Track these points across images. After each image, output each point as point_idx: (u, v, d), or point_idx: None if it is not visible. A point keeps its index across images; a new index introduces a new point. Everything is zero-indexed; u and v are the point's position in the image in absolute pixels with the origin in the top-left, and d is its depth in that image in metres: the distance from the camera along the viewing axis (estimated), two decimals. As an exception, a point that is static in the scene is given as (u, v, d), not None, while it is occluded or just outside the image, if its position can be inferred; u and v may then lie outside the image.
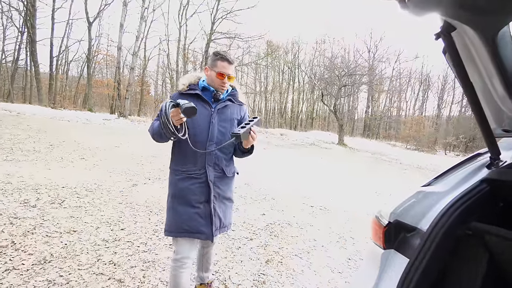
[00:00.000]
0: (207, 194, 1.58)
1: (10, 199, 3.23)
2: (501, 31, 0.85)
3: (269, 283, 2.31)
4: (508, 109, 1.02)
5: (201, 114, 1.53)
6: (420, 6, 0.74)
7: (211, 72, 1.58)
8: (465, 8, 0.74)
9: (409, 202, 1.12)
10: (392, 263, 1.04)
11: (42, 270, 2.03)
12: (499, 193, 1.03)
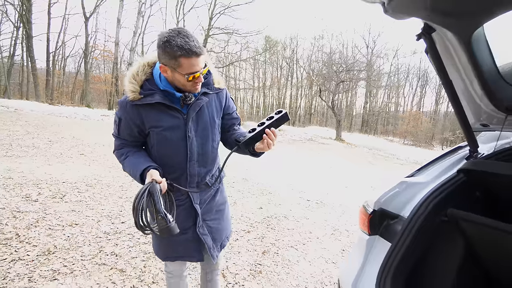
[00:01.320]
0: (194, 218, 1.30)
1: (12, 193, 3.29)
2: (476, 32, 0.92)
3: (265, 272, 2.40)
4: (485, 105, 1.09)
5: (172, 128, 1.18)
6: (397, 11, 0.81)
7: (174, 74, 1.09)
8: (438, 13, 0.81)
9: (393, 192, 1.20)
10: (376, 248, 1.13)
11: (47, 261, 2.11)
12: (475, 183, 1.12)
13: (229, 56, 27.22)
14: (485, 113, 1.13)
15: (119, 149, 1.27)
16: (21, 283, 1.84)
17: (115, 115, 1.24)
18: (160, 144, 1.20)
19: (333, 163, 9.25)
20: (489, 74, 1.01)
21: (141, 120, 1.17)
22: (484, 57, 0.99)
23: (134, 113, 1.16)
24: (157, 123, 1.17)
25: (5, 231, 2.43)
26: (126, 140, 1.26)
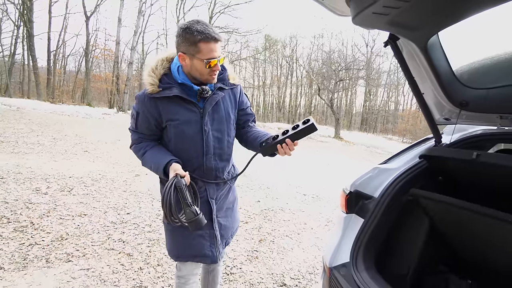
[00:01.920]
0: (209, 213, 1.30)
1: (23, 187, 3.48)
2: (430, 40, 1.10)
3: (261, 258, 2.59)
4: (445, 102, 1.28)
5: (189, 122, 1.21)
6: (363, 24, 0.99)
7: (193, 61, 1.12)
8: (396, 26, 1.00)
9: (367, 176, 1.39)
10: (352, 224, 1.32)
11: (61, 246, 2.30)
12: (437, 168, 1.30)
13: (229, 54, 27.37)
14: (445, 109, 1.31)
15: (137, 144, 1.28)
16: (39, 263, 2.03)
17: (133, 109, 1.26)
18: (177, 138, 1.22)
19: (331, 160, 9.43)
20: (445, 75, 1.19)
21: (158, 113, 1.20)
22: (440, 61, 1.17)
23: (152, 106, 1.18)
24: (174, 116, 1.19)
25: (21, 219, 2.63)
26: (144, 134, 1.27)
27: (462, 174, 1.23)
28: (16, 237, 2.32)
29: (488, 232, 1.11)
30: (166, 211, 1.11)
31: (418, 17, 0.98)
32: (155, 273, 2.11)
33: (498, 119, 1.21)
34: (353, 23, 0.97)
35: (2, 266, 1.94)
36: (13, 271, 1.91)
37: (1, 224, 2.50)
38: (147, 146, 1.26)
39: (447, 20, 0.97)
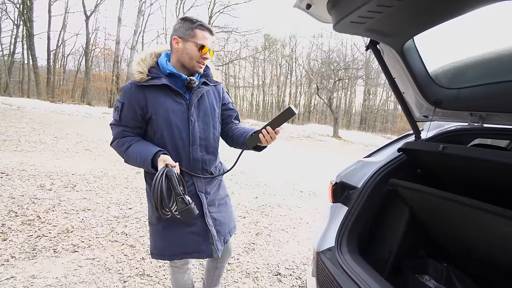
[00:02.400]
0: (199, 207, 1.28)
1: (28, 183, 3.60)
2: (406, 44, 1.22)
3: (257, 250, 2.71)
4: (422, 101, 1.40)
5: (176, 112, 1.23)
6: (343, 30, 1.11)
7: (186, 44, 1.19)
8: (372, 32, 1.12)
9: (351, 168, 1.51)
10: (338, 212, 1.44)
11: (67, 237, 2.42)
12: (414, 161, 1.42)
13: (228, 54, 27.45)
14: (423, 107, 1.43)
15: (120, 138, 1.26)
16: (48, 253, 2.15)
17: (117, 101, 1.25)
18: (164, 128, 1.23)
19: (328, 159, 9.56)
20: (420, 76, 1.31)
21: (145, 102, 1.21)
22: (416, 62, 1.29)
23: (140, 95, 1.20)
24: (161, 106, 1.21)
25: (27, 213, 2.75)
26: (127, 127, 1.26)
27: (433, 165, 1.35)
28: (24, 230, 2.44)
29: (459, 219, 1.23)
30: (157, 202, 1.09)
31: (392, 25, 1.10)
32: (156, 262, 2.23)
33: (468, 116, 1.33)
34: (334, 30, 1.09)
35: (14, 255, 2.06)
36: (24, 260, 2.03)
37: (9, 217, 2.62)
38: (132, 140, 1.25)
39: (418, 27, 1.09)
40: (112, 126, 1.29)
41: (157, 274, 2.09)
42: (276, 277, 2.29)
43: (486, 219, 1.01)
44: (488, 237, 1.11)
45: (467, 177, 1.23)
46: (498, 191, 1.14)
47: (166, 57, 1.28)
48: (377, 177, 1.37)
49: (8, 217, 2.62)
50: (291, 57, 34.05)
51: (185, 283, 1.54)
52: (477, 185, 1.25)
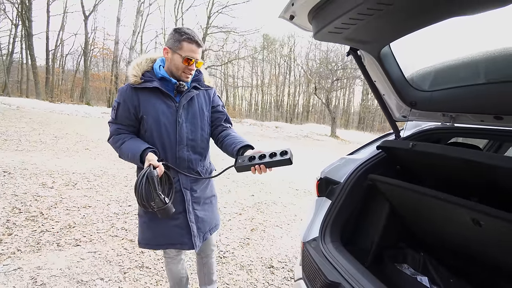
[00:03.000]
0: (182, 203, 1.39)
1: (30, 182, 3.70)
2: (382, 50, 1.34)
3: (252, 244, 2.83)
4: (400, 102, 1.51)
5: (165, 113, 1.33)
6: (323, 39, 1.22)
7: (174, 55, 1.29)
8: (350, 40, 1.23)
9: (335, 165, 1.63)
10: (323, 206, 1.55)
11: (69, 232, 2.53)
12: (394, 158, 1.53)
13: (227, 54, 27.55)
14: (402, 108, 1.54)
15: (116, 135, 1.37)
16: (51, 247, 2.26)
17: (114, 101, 1.37)
18: (153, 127, 1.33)
19: (325, 158, 9.68)
20: (397, 79, 1.43)
21: (138, 103, 1.32)
22: (393, 67, 1.40)
23: (133, 96, 1.31)
24: (152, 107, 1.32)
25: (31, 210, 2.85)
26: (123, 125, 1.36)
27: (408, 162, 1.46)
28: (28, 225, 2.55)
29: (431, 211, 1.34)
30: (138, 199, 1.22)
31: (367, 34, 1.21)
32: (155, 255, 2.34)
33: (441, 117, 1.45)
34: (314, 38, 1.20)
35: (19, 248, 2.17)
36: (29, 252, 2.14)
37: (13, 214, 2.72)
38: (126, 137, 1.35)
39: (392, 36, 1.20)
40: (110, 124, 1.40)
41: (156, 266, 2.20)
42: (269, 269, 2.41)
43: (448, 209, 1.12)
44: (453, 226, 1.22)
45: (437, 172, 1.34)
46: (471, 187, 1.25)
47: (161, 62, 1.38)
48: (358, 173, 1.48)
49: (12, 213, 2.73)
50: (289, 57, 34.19)
51: (179, 272, 1.64)
52: (451, 181, 1.37)
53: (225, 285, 2.12)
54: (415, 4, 0.94)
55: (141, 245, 1.45)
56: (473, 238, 1.17)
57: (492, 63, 1.16)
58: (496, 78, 1.17)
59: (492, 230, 1.01)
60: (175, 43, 1.27)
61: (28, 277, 1.87)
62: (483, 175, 1.03)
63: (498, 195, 1.09)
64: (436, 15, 1.01)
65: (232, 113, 30.90)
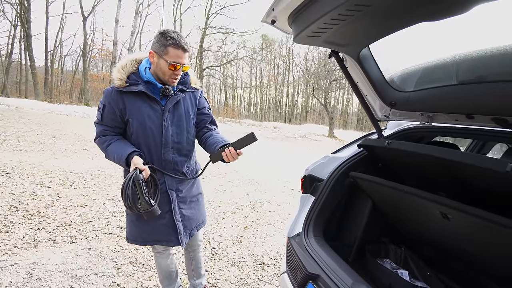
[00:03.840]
0: (168, 204, 1.44)
1: (28, 181, 3.76)
2: (361, 52, 1.40)
3: (244, 242, 2.89)
4: (381, 102, 1.58)
5: (151, 117, 1.34)
6: (302, 42, 1.28)
7: (159, 60, 1.28)
8: (329, 43, 1.29)
9: (319, 163, 1.69)
10: (307, 202, 1.61)
11: (65, 230, 2.59)
12: (375, 156, 1.59)
13: (226, 55, 27.61)
14: (383, 108, 1.61)
15: (102, 136, 1.38)
16: (47, 244, 2.32)
17: (100, 103, 1.36)
18: (139, 131, 1.35)
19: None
20: (377, 80, 1.49)
21: (123, 106, 1.32)
22: (373, 68, 1.47)
23: (118, 99, 1.31)
24: (138, 110, 1.33)
25: (28, 208, 2.91)
26: (108, 127, 1.38)
27: (387, 159, 1.52)
28: (25, 223, 2.61)
29: (407, 207, 1.41)
30: (124, 202, 1.27)
31: (345, 37, 1.27)
32: (148, 252, 2.40)
33: (419, 116, 1.51)
34: (294, 41, 1.27)
35: (16, 245, 2.23)
36: (25, 249, 2.20)
37: (11, 212, 2.78)
38: (112, 139, 1.37)
39: (369, 39, 1.27)
40: (96, 125, 1.41)
41: (149, 262, 2.26)
42: (260, 266, 2.47)
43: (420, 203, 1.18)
44: (427, 220, 1.28)
45: (412, 169, 1.41)
46: (443, 183, 1.31)
47: (147, 64, 1.37)
48: (340, 170, 1.55)
49: (9, 211, 2.79)
50: (288, 57, 34.28)
51: (168, 267, 1.70)
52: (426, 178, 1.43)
53: (216, 280, 2.18)
54: (386, 10, 1.00)
55: (129, 240, 1.52)
56: (444, 231, 1.24)
57: (462, 65, 1.23)
58: (466, 80, 1.24)
59: (459, 223, 1.07)
60: (161, 47, 1.26)
61: (24, 272, 1.93)
62: (450, 171, 1.10)
63: (466, 191, 1.16)
64: (408, 19, 1.07)
65: (231, 113, 30.96)
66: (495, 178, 0.90)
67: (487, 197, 1.12)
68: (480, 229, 1.02)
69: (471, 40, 1.23)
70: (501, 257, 1.08)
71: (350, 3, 0.90)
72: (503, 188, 0.95)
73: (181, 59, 1.29)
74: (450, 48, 1.26)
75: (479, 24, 1.10)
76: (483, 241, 1.09)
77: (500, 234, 0.95)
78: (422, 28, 1.19)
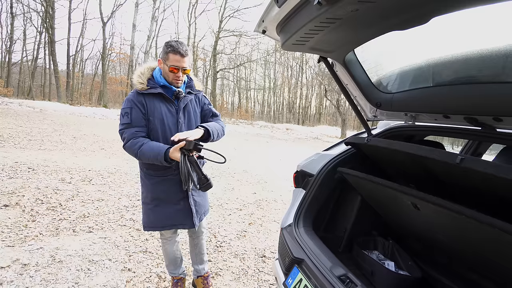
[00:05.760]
0: (184, 191, 1.65)
1: (51, 177, 4.08)
2: (346, 57, 1.52)
3: (248, 237, 3.04)
4: (368, 103, 1.69)
5: (168, 115, 1.57)
6: (290, 49, 1.43)
7: (164, 66, 1.52)
8: (315, 49, 1.43)
9: (311, 159, 1.82)
10: (299, 196, 1.74)
11: (84, 221, 2.83)
12: (363, 153, 1.70)
13: (239, 57, 27.93)
14: (371, 108, 1.72)
15: (134, 139, 1.52)
16: (68, 232, 2.56)
17: (124, 109, 1.52)
18: (159, 127, 1.55)
19: (333, 159, 9.74)
20: (363, 83, 1.60)
21: (145, 105, 1.54)
22: (359, 72, 1.58)
23: (141, 100, 1.53)
24: (157, 110, 1.56)
25: (51, 201, 3.19)
26: (138, 127, 1.53)
27: (373, 156, 1.63)
28: (49, 214, 2.88)
29: (389, 200, 1.50)
30: (184, 180, 1.51)
31: (327, 45, 1.40)
32: (157, 243, 2.60)
33: (404, 116, 1.61)
34: (282, 48, 1.41)
35: (41, 232, 2.48)
36: (49, 236, 2.45)
37: (36, 204, 3.06)
38: (144, 140, 1.53)
39: (351, 44, 1.40)
40: (124, 131, 1.54)
41: (157, 251, 2.45)
42: (261, 258, 2.61)
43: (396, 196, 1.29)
44: (403, 212, 1.39)
45: (392, 165, 1.51)
46: (418, 177, 1.41)
47: (159, 71, 1.60)
48: (329, 166, 1.67)
49: (35, 203, 3.07)
50: (301, 59, 34.23)
51: (174, 252, 1.88)
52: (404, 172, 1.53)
53: (219, 269, 2.34)
54: (357, 22, 1.13)
55: (146, 228, 1.72)
56: (417, 221, 1.34)
57: (436, 68, 1.33)
58: (441, 82, 1.34)
59: (427, 212, 1.18)
60: (164, 55, 1.51)
61: (48, 255, 2.16)
62: (420, 165, 1.20)
63: (436, 184, 1.26)
64: (379, 29, 1.20)
65: (244, 115, 31.23)
66: (452, 170, 1.01)
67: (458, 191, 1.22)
68: (446, 219, 1.13)
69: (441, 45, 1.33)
70: (470, 245, 1.17)
71: (322, 17, 1.04)
72: (461, 180, 1.05)
73: (179, 63, 1.50)
74: (425, 52, 1.37)
75: (446, 31, 1.21)
76: (452, 231, 1.19)
77: (462, 223, 1.06)
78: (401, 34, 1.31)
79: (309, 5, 1.04)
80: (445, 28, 1.20)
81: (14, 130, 7.33)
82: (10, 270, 1.95)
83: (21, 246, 2.25)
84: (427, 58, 1.36)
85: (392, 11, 0.98)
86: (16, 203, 3.02)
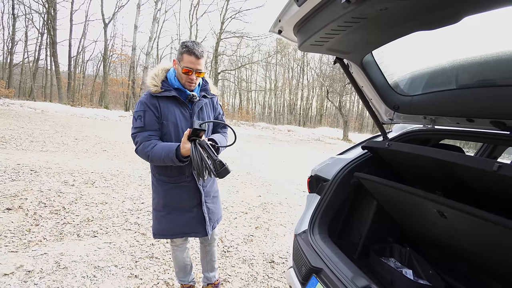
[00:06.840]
0: (198, 198, 1.61)
1: (53, 179, 4.02)
2: (364, 58, 1.47)
3: (255, 241, 2.98)
4: (385, 106, 1.64)
5: (181, 119, 1.52)
6: (307, 50, 1.37)
7: (178, 67, 1.46)
8: (332, 51, 1.38)
9: (325, 164, 1.76)
10: (313, 201, 1.69)
11: (88, 225, 2.78)
12: (379, 157, 1.65)
13: (240, 58, 27.93)
14: (387, 111, 1.66)
15: (146, 141, 1.46)
16: (72, 237, 2.50)
17: (137, 113, 1.47)
18: (172, 131, 1.51)
19: (336, 161, 9.69)
20: (381, 85, 1.55)
21: (159, 108, 1.48)
22: (376, 74, 1.53)
23: (154, 103, 1.47)
24: (172, 113, 1.50)
25: (55, 204, 3.13)
26: (152, 131, 1.48)
27: (391, 160, 1.57)
28: (52, 218, 2.82)
29: (410, 207, 1.45)
30: (197, 168, 1.36)
31: (347, 45, 1.35)
32: (164, 248, 2.54)
33: (423, 119, 1.56)
34: (299, 49, 1.36)
35: (45, 237, 2.42)
36: (53, 241, 2.39)
37: (39, 207, 3.01)
38: (156, 142, 1.48)
39: (370, 46, 1.34)
40: (137, 134, 1.49)
41: (164, 257, 2.40)
42: (270, 264, 2.55)
43: (419, 202, 1.24)
44: (426, 219, 1.33)
45: (413, 170, 1.46)
46: (441, 183, 1.36)
47: (174, 72, 1.53)
48: (344, 171, 1.61)
49: (38, 207, 3.02)
50: (302, 60, 34.23)
51: (184, 260, 1.83)
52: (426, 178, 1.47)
53: (227, 276, 2.28)
54: (382, 21, 1.08)
55: (157, 235, 1.66)
56: (443, 229, 1.28)
57: (461, 70, 1.28)
58: (465, 84, 1.29)
59: (455, 221, 1.12)
60: (179, 55, 1.45)
61: (53, 261, 2.11)
62: (445, 171, 1.15)
63: (468, 192, 1.20)
64: (404, 29, 1.14)
65: (245, 116, 31.19)
66: (486, 177, 0.95)
67: (487, 198, 1.16)
68: (474, 227, 1.07)
69: (469, 46, 1.28)
70: (497, 254, 1.12)
71: (348, 16, 0.98)
72: (495, 188, 0.99)
73: (193, 65, 1.42)
74: (449, 54, 1.31)
75: (474, 32, 1.16)
76: (479, 239, 1.14)
77: (493, 232, 1.00)
78: (423, 35, 1.26)
79: (334, 3, 0.99)
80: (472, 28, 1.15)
81: (15, 131, 7.29)
82: (14, 277, 1.90)
83: (24, 251, 2.20)
84: (451, 60, 1.30)
85: (423, 9, 0.93)
86: (19, 206, 2.96)
